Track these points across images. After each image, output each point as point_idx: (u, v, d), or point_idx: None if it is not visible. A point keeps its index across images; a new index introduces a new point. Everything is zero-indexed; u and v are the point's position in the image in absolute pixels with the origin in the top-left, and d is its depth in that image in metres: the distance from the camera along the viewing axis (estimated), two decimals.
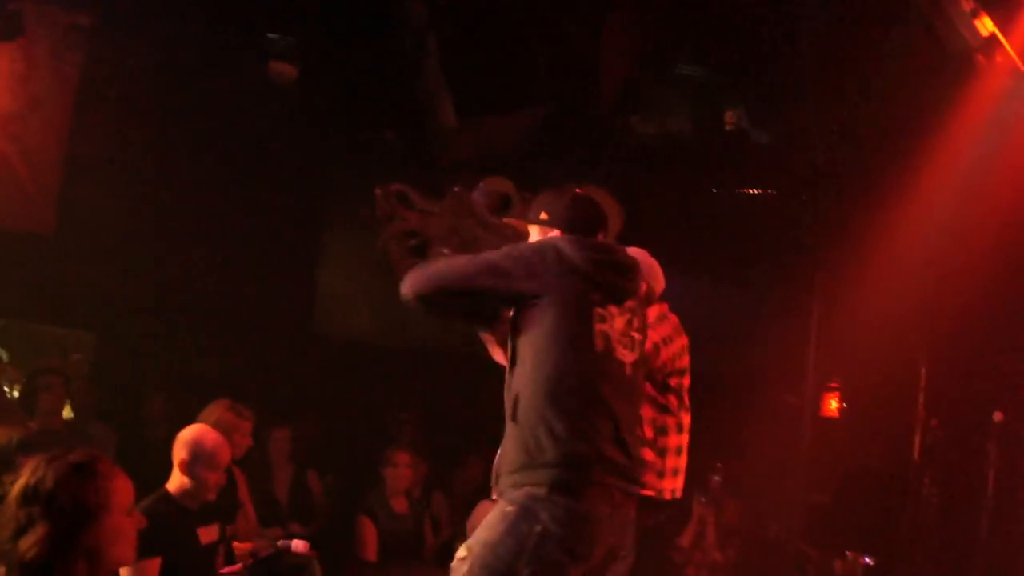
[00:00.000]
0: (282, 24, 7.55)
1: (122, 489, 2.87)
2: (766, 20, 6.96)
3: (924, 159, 6.63)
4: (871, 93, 6.86)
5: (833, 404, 7.08)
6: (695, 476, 6.12)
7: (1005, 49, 6.15)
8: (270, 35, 7.53)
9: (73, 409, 7.08)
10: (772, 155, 7.68)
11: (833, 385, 7.14)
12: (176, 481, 4.48)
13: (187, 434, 4.53)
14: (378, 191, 8.27)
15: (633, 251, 4.48)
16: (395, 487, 6.49)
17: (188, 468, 4.45)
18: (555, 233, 3.60)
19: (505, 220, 4.15)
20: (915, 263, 6.61)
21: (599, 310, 3.46)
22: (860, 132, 7.01)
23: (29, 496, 2.74)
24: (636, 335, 3.58)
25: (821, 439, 7.12)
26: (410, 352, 8.00)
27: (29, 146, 7.46)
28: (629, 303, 3.59)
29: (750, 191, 7.89)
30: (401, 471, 6.51)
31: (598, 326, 3.45)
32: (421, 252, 8.40)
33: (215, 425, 5.18)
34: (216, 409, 5.41)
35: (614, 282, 3.51)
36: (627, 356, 3.50)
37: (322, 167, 8.09)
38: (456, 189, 8.33)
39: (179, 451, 4.49)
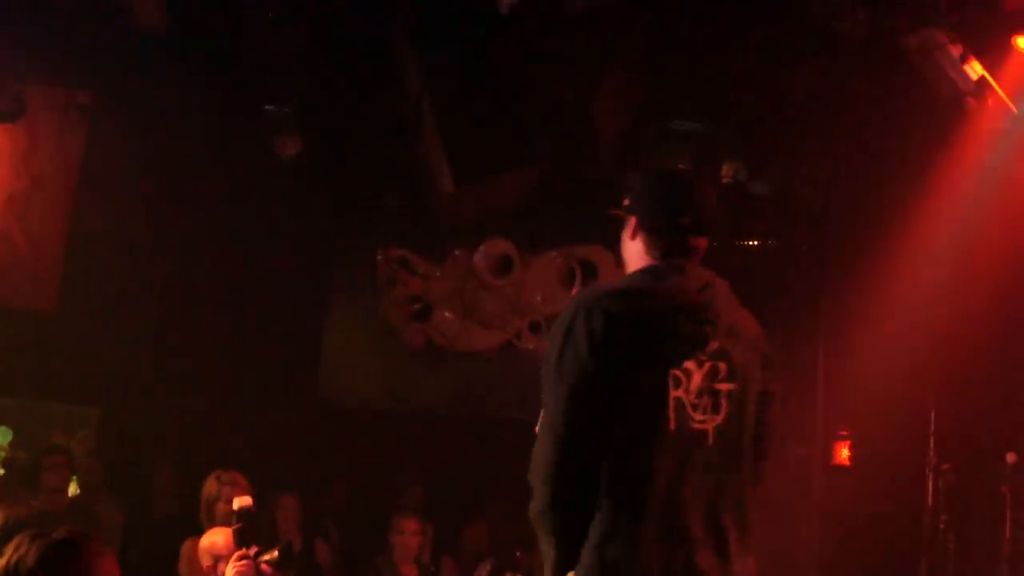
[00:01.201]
0: (280, 95, 7.64)
1: (106, 571, 2.82)
2: (760, 73, 7.01)
3: (921, 204, 6.64)
4: (866, 140, 6.90)
5: (844, 452, 6.99)
6: None
7: (995, 92, 6.20)
8: (268, 107, 7.62)
9: (79, 486, 7.04)
10: (771, 205, 7.70)
11: (843, 433, 7.06)
12: None
13: (204, 544, 4.75)
14: (380, 257, 8.40)
15: None
16: (404, 554, 6.43)
17: (214, 572, 4.64)
18: (632, 222, 2.91)
19: (612, 213, 3.09)
20: (919, 306, 6.59)
21: (675, 372, 2.72)
22: (857, 179, 7.04)
23: (11, 574, 2.72)
24: (725, 386, 2.78)
25: (833, 488, 7.03)
26: (416, 416, 8.02)
27: (32, 224, 7.56)
28: (713, 344, 2.78)
29: (750, 242, 7.89)
30: (409, 538, 6.45)
31: (672, 394, 2.71)
32: (424, 317, 8.49)
33: (208, 498, 5.21)
34: (207, 482, 5.38)
35: (685, 330, 2.75)
36: (709, 421, 2.74)
37: (325, 234, 8.13)
38: (456, 252, 8.46)
39: (203, 559, 4.72)
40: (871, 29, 6.22)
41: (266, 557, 4.44)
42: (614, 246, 7.60)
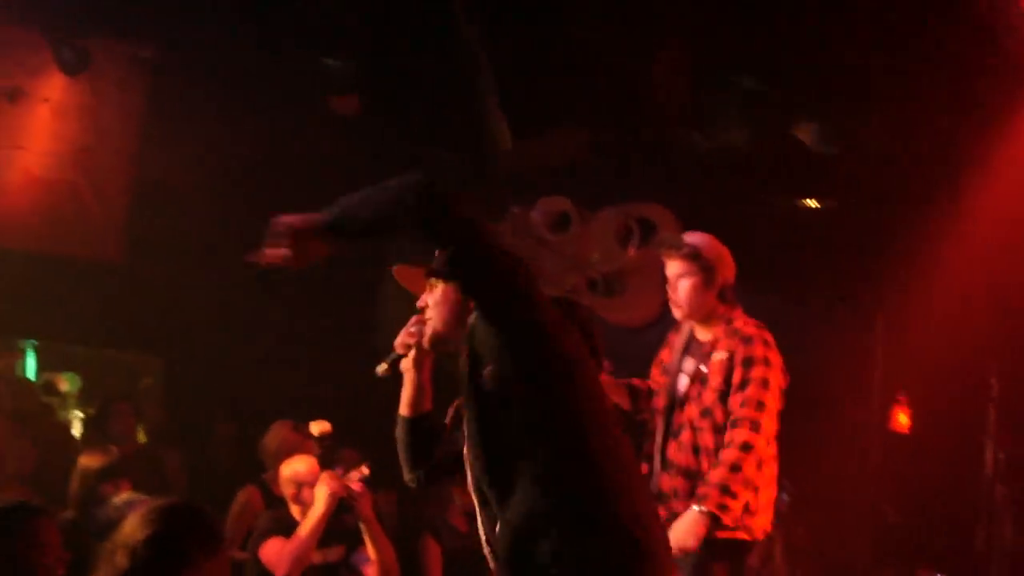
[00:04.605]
0: (337, 49, 7.55)
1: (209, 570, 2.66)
2: (827, 31, 6.71)
3: (988, 165, 6.45)
4: (933, 101, 6.70)
5: (902, 418, 6.79)
6: None
7: None
8: (327, 60, 7.56)
9: (145, 434, 7.19)
10: (834, 167, 7.51)
11: (901, 399, 6.83)
12: (295, 511, 4.85)
13: (286, 472, 4.88)
14: None
15: (696, 235, 4.40)
16: (462, 506, 6.25)
17: (298, 499, 4.81)
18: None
19: (399, 272, 3.31)
20: (981, 270, 6.42)
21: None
22: (923, 141, 6.85)
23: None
24: None
25: (890, 455, 6.89)
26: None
27: (97, 176, 7.62)
28: None
29: (812, 204, 7.74)
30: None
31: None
32: None
33: (281, 446, 5.44)
34: (279, 431, 5.58)
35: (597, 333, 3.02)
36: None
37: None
38: (514, 209, 8.33)
39: (286, 488, 4.88)
40: None
41: (355, 475, 4.60)
42: (673, 204, 7.37)
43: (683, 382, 4.28)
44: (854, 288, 7.00)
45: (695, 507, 3.94)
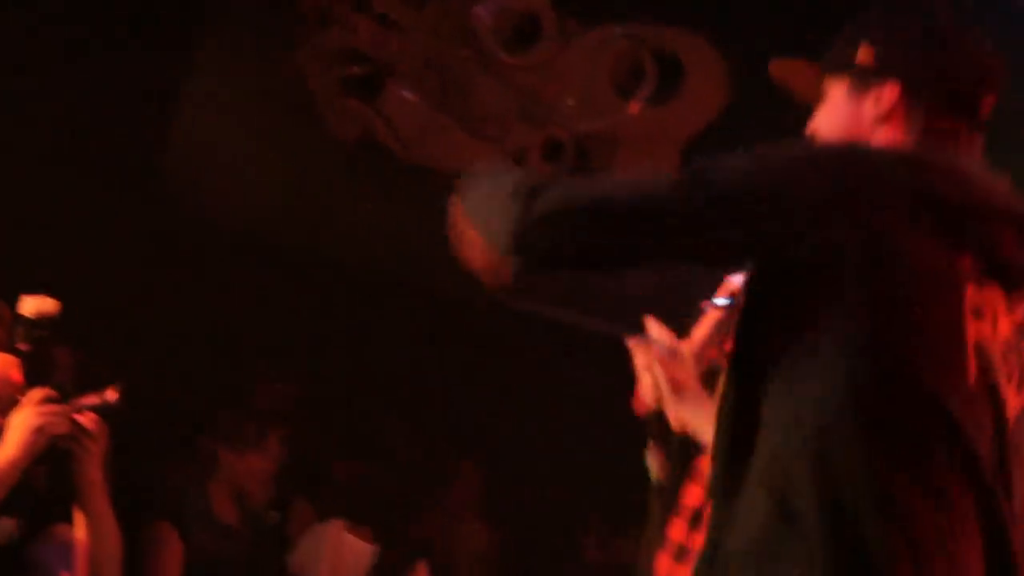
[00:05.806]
0: None
1: None
2: None
3: None
4: None
5: None
6: None
7: None
8: None
9: None
10: None
11: None
12: None
13: None
14: None
15: None
16: (230, 481, 4.17)
17: None
18: (889, 90, 1.70)
19: (777, 68, 1.80)
20: None
21: (973, 294, 1.67)
22: None
23: None
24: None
25: None
26: (331, 260, 5.13)
27: None
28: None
29: None
30: (251, 461, 4.14)
31: (972, 327, 1.66)
32: (367, 91, 5.33)
33: None
34: None
35: (1008, 242, 1.71)
36: (1014, 398, 1.76)
37: None
38: None
39: None
40: None
41: (92, 400, 3.14)
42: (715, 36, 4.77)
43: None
44: None
45: None
